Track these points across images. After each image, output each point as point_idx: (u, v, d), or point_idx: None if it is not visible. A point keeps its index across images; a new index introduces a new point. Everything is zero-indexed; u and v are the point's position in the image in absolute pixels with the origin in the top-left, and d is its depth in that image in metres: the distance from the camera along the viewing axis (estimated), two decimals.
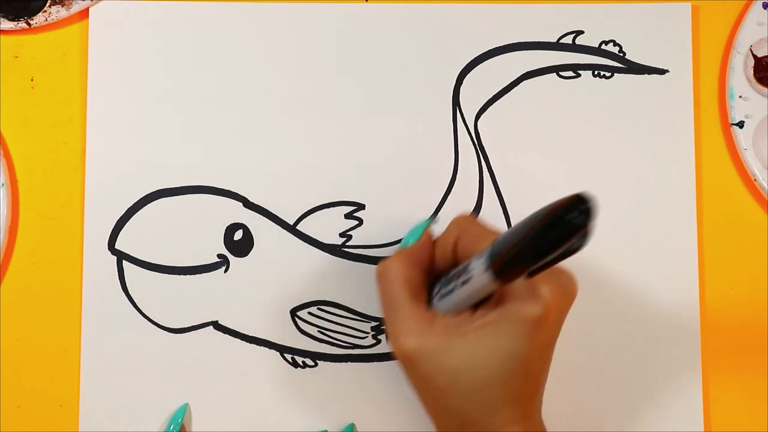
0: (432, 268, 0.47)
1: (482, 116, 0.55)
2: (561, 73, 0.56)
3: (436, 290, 0.46)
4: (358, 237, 0.54)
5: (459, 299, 0.43)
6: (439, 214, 0.54)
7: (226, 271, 0.54)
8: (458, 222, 0.46)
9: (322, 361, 0.54)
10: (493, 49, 0.56)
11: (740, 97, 0.55)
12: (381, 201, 0.55)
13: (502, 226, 0.55)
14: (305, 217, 0.54)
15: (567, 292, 0.44)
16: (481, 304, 0.44)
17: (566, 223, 0.36)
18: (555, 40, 0.56)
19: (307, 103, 0.55)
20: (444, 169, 0.55)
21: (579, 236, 0.37)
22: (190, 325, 0.54)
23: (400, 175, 0.55)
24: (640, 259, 0.55)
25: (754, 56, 0.55)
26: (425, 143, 0.55)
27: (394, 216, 0.55)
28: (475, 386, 0.43)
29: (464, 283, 0.43)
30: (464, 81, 0.55)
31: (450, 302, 0.44)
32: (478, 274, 0.41)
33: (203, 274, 0.54)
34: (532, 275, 0.39)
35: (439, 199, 0.55)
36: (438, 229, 0.48)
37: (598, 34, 0.56)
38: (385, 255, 0.54)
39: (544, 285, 0.42)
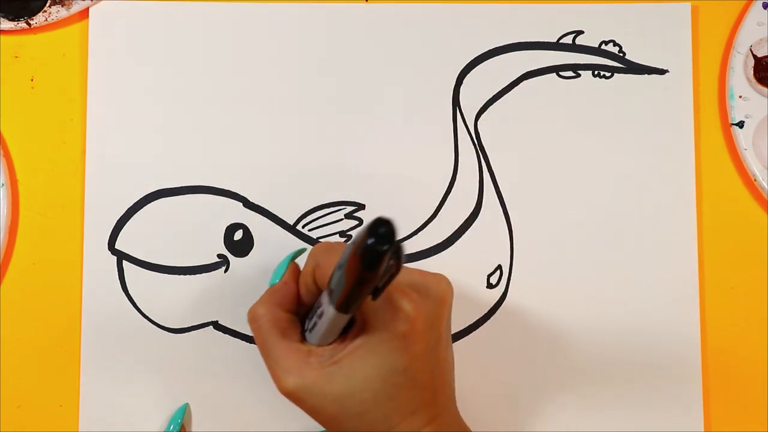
0: (300, 302, 0.47)
1: (482, 116, 0.55)
2: (561, 73, 0.56)
3: (306, 325, 0.46)
4: None
5: (323, 331, 0.43)
6: (439, 213, 0.54)
7: (226, 271, 0.54)
8: (313, 253, 0.46)
9: None
10: (493, 49, 0.56)
11: (740, 97, 0.55)
12: (381, 201, 0.55)
13: (502, 227, 0.55)
14: (305, 217, 0.54)
15: (434, 297, 0.44)
16: (350, 328, 0.44)
17: (371, 251, 0.36)
18: (555, 40, 0.56)
19: (307, 103, 0.55)
20: (444, 169, 0.55)
21: (390, 256, 0.37)
22: (190, 325, 0.54)
23: (400, 175, 0.55)
24: (640, 259, 0.55)
25: (754, 56, 0.55)
26: (425, 143, 0.55)
27: (394, 216, 0.54)
28: (364, 409, 0.43)
29: (321, 316, 0.43)
30: (464, 81, 0.55)
31: (318, 334, 0.44)
32: (327, 308, 0.42)
33: (203, 274, 0.54)
34: (376, 297, 0.40)
35: (439, 199, 0.55)
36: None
37: (598, 34, 0.56)
38: None
39: (404, 299, 0.42)
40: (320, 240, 0.54)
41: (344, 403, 0.43)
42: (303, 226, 0.54)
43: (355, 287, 0.39)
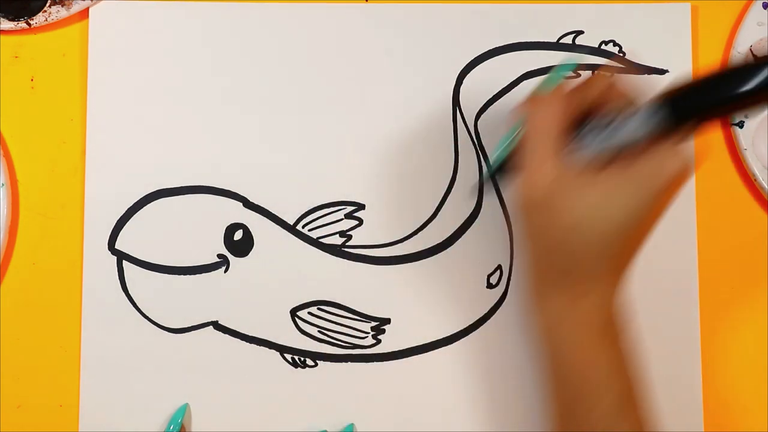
0: (573, 118, 0.46)
1: (482, 116, 0.55)
2: None
3: (576, 141, 0.45)
4: (358, 237, 0.54)
5: (603, 146, 0.43)
6: (440, 212, 0.55)
7: (226, 271, 0.54)
8: (598, 77, 0.46)
9: (322, 361, 0.54)
10: (493, 49, 0.56)
11: None
12: (381, 201, 0.55)
13: (502, 227, 0.55)
14: (305, 217, 0.54)
15: (691, 168, 0.44)
16: (615, 161, 0.44)
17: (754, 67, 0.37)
18: (555, 40, 0.56)
19: (307, 103, 0.55)
20: (444, 169, 0.55)
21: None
22: (190, 325, 0.54)
23: (400, 175, 0.55)
24: (640, 258, 0.55)
25: (754, 56, 0.55)
26: (425, 143, 0.55)
27: (394, 216, 0.55)
28: (590, 239, 0.43)
29: (615, 130, 0.43)
30: (464, 81, 0.55)
31: (589, 152, 0.44)
32: (641, 119, 0.41)
33: (203, 274, 0.54)
34: (699, 123, 0.40)
35: (439, 199, 0.55)
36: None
37: (598, 34, 0.56)
38: (385, 255, 0.54)
39: (681, 151, 0.42)
40: (320, 240, 0.54)
41: (579, 223, 0.43)
42: (303, 226, 0.54)
43: (718, 95, 0.39)
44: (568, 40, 0.56)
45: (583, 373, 0.45)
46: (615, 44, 0.56)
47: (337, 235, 0.54)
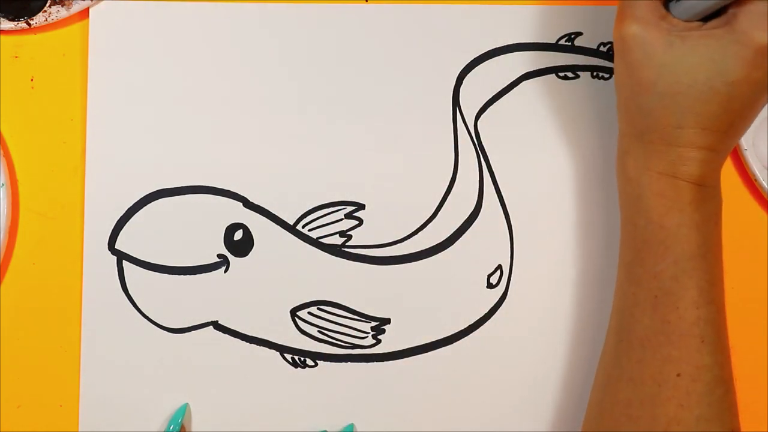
0: None
1: (482, 116, 0.55)
2: (560, 74, 0.56)
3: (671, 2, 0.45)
4: (358, 237, 0.54)
5: (695, 3, 0.44)
6: (439, 213, 0.55)
7: (226, 271, 0.54)
8: None
9: (322, 361, 0.54)
10: (493, 49, 0.56)
11: None
12: (381, 201, 0.55)
13: (502, 227, 0.55)
14: (305, 217, 0.55)
15: None
16: (711, 19, 0.44)
17: None
18: (554, 42, 0.56)
19: (307, 103, 0.55)
20: (444, 169, 0.55)
21: None
22: (190, 325, 0.54)
23: (400, 175, 0.55)
24: None
25: None
26: (425, 143, 0.55)
27: (394, 216, 0.55)
28: (673, 90, 0.43)
29: None
30: (464, 81, 0.55)
31: (685, 7, 0.44)
32: None
33: (203, 274, 0.54)
34: None
35: (439, 199, 0.55)
36: None
37: (596, 35, 0.56)
38: (385, 255, 0.54)
39: None
40: (320, 240, 0.54)
41: (662, 75, 0.43)
42: (303, 226, 0.54)
43: None
44: (566, 41, 0.56)
45: (659, 221, 0.44)
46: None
47: (337, 235, 0.54)
